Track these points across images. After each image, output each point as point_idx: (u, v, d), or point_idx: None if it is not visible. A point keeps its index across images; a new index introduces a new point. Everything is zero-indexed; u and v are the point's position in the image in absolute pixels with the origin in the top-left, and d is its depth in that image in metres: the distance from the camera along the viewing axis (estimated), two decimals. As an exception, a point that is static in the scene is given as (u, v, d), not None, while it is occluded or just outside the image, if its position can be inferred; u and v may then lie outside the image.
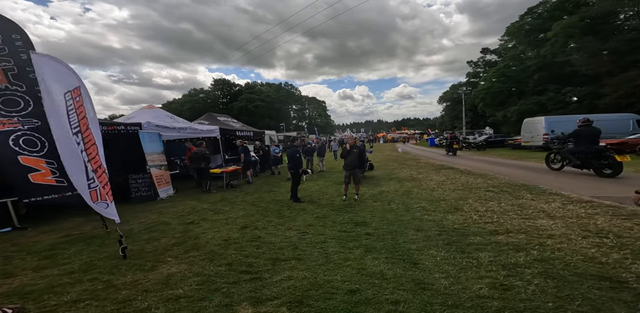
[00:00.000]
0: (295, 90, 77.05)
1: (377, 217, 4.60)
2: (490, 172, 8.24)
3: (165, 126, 7.17)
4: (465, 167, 9.72)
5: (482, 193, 5.56)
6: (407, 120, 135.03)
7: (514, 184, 6.13)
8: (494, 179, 6.86)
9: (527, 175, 7.34)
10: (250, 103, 60.52)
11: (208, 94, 65.22)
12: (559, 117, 16.46)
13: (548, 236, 3.14)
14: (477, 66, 40.23)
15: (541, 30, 25.69)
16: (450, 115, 46.65)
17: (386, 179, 8.33)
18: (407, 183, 7.30)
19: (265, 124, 59.10)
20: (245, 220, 4.82)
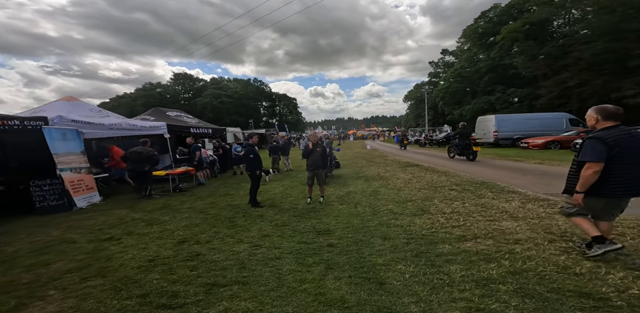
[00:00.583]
0: (265, 87, 74.51)
1: (342, 223, 4.19)
2: (451, 169, 8.41)
3: (87, 122, 5.89)
4: (429, 164, 9.89)
5: (447, 192, 5.49)
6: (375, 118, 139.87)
7: (474, 182, 6.21)
8: (456, 177, 6.93)
9: (483, 172, 7.59)
10: (215, 99, 57.17)
11: (167, 89, 59.89)
12: (508, 115, 17.94)
13: (515, 241, 2.99)
14: (438, 66, 42.65)
15: (492, 34, 27.83)
16: (414, 113, 48.99)
17: (354, 178, 8.04)
18: (375, 183, 7.07)
19: (232, 120, 56.41)
20: (186, 233, 4.06)
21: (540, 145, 13.54)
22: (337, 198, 5.84)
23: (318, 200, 5.58)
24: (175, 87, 63.10)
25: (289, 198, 6.15)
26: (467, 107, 29.50)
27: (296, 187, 7.36)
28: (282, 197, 6.24)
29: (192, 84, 65.69)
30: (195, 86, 65.56)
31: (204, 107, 57.74)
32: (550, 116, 16.84)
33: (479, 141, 17.91)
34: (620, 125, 2.35)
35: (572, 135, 13.73)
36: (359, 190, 6.42)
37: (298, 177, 8.89)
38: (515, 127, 15.91)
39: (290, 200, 5.96)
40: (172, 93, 60.64)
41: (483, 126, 17.22)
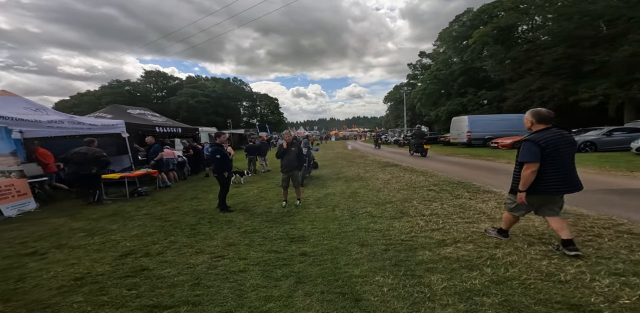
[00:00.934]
0: (245, 86, 72.56)
1: (319, 228, 3.89)
2: (429, 168, 8.45)
3: (20, 119, 5.06)
4: (408, 164, 9.91)
5: (425, 193, 5.39)
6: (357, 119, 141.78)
7: (451, 182, 6.20)
8: (434, 177, 6.92)
9: (459, 171, 7.67)
10: (192, 98, 54.64)
11: (136, 87, 56.24)
12: (480, 116, 18.70)
13: (495, 245, 2.86)
14: (416, 69, 43.89)
15: (465, 38, 29.02)
16: (393, 114, 50.09)
17: (333, 179, 7.78)
18: (354, 184, 6.85)
19: (210, 120, 54.40)
20: (134, 243, 3.55)
21: (508, 145, 14.19)
22: (314, 200, 5.54)
23: (294, 204, 5.24)
24: (146, 85, 59.46)
25: (263, 201, 5.75)
26: (442, 108, 30.52)
27: (272, 189, 6.96)
28: (256, 200, 5.82)
29: (166, 82, 62.38)
30: (169, 84, 62.32)
31: (178, 106, 55.04)
32: (517, 117, 17.76)
33: (453, 141, 18.70)
34: (552, 128, 2.55)
35: (538, 135, 14.53)
36: (338, 191, 6.17)
37: (275, 179, 8.47)
38: (486, 127, 16.59)
39: (264, 203, 5.56)
40: (143, 91, 57.00)
41: (457, 126, 17.81)
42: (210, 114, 56.79)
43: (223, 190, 5.00)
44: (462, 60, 29.32)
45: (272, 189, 6.91)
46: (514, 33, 27.01)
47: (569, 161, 2.50)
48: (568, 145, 2.50)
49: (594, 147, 10.52)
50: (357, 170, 9.07)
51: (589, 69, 18.25)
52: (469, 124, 16.51)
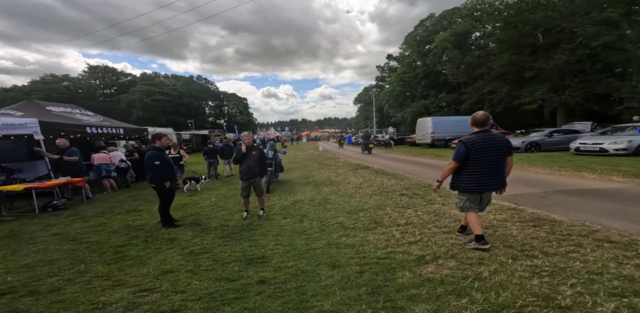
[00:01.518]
0: (211, 85, 68.45)
1: (283, 244, 3.34)
2: (399, 170, 8.35)
3: None
4: (379, 166, 9.78)
5: (398, 198, 5.13)
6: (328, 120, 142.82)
7: (422, 185, 6.06)
8: (405, 180, 6.76)
9: (428, 173, 7.68)
10: (147, 96, 49.94)
11: (77, 82, 49.74)
12: (442, 117, 19.66)
13: (479, 260, 2.58)
14: (384, 71, 45.39)
15: (427, 42, 30.59)
16: (363, 115, 51.22)
17: (303, 184, 7.25)
18: (325, 189, 6.40)
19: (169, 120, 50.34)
20: (19, 278, 2.69)
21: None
22: (280, 210, 4.96)
23: (257, 214, 4.61)
24: (90, 81, 52.91)
25: (220, 212, 5.01)
26: (408, 109, 31.80)
27: (234, 196, 6.20)
28: (212, 211, 5.06)
29: (116, 78, 56.27)
30: (119, 81, 56.36)
31: (130, 104, 50.01)
32: None
33: (419, 142, 19.43)
34: (485, 131, 2.74)
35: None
36: (307, 198, 5.66)
37: (239, 184, 7.70)
38: (447, 128, 17.41)
39: (221, 214, 4.83)
40: (87, 88, 50.56)
41: (422, 128, 18.47)
42: (170, 114, 52.59)
43: (164, 203, 4.18)
44: (425, 64, 30.85)
45: (234, 197, 6.16)
46: (469, 39, 29.20)
47: (492, 162, 2.66)
48: (496, 147, 2.64)
49: (538, 147, 11.51)
50: (328, 173, 8.66)
51: (530, 75, 20.26)
52: (433, 125, 17.19)
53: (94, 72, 53.42)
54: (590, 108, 18.95)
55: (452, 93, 29.15)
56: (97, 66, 54.19)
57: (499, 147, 2.65)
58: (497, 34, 23.12)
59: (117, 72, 56.56)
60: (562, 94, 18.61)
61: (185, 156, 7.28)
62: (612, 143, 8.93)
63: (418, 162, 10.36)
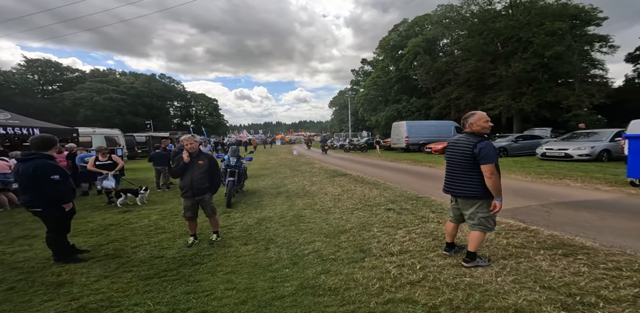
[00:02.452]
0: (176, 84, 63.77)
1: (238, 289, 2.38)
2: (380, 178, 7.69)
3: None
4: (357, 172, 9.09)
5: (384, 214, 4.38)
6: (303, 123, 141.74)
7: (408, 197, 5.39)
8: (388, 190, 6.07)
9: (411, 181, 7.12)
10: (98, 94, 44.87)
11: (10, 77, 43.10)
12: (416, 121, 19.88)
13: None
14: (359, 75, 45.89)
15: (400, 47, 31.35)
16: (338, 118, 51.25)
17: (273, 195, 6.23)
18: (298, 201, 5.46)
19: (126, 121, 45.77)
20: None
21: (439, 150, 15.10)
22: (241, 231, 3.94)
23: (209, 239, 3.55)
24: (27, 75, 46.12)
25: (158, 236, 3.83)
26: (381, 113, 32.19)
27: None
28: (147, 235, 3.86)
29: (60, 73, 49.83)
30: (64, 77, 50.02)
31: (76, 103, 44.47)
32: (443, 124, 19.52)
33: (394, 146, 19.40)
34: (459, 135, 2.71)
35: (464, 141, 15.93)
36: (277, 214, 4.69)
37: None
38: (420, 133, 17.54)
39: (158, 240, 3.66)
40: (22, 83, 43.91)
41: (397, 132, 18.42)
42: (125, 114, 47.89)
43: (57, 232, 2.94)
44: (398, 69, 31.55)
45: None
46: (438, 46, 30.55)
47: (450, 165, 2.67)
48: (453, 150, 2.61)
49: (506, 152, 11.82)
50: (303, 181, 7.73)
51: (492, 82, 21.46)
52: (407, 129, 17.17)
53: (32, 66, 46.74)
54: (543, 115, 20.51)
55: (422, 98, 30.12)
56: (36, 59, 47.51)
57: (456, 150, 2.57)
58: (463, 41, 24.30)
59: (62, 67, 50.29)
60: (519, 100, 19.88)
61: (120, 162, 5.86)
62: (576, 149, 9.29)
63: (397, 168, 9.84)
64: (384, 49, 33.68)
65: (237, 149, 5.78)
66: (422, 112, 29.38)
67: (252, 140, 34.28)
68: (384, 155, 16.23)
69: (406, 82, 32.14)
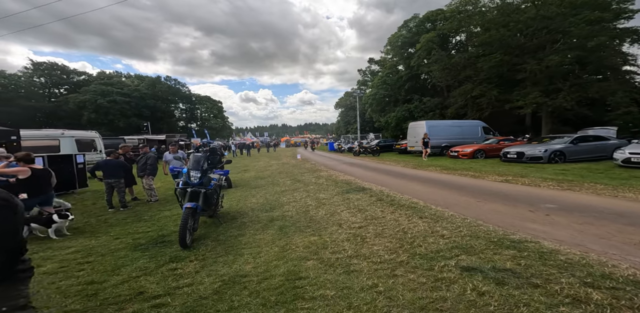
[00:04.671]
0: (181, 87, 63.07)
1: None
2: (415, 196, 5.47)
3: None
4: (377, 184, 6.94)
5: (466, 284, 2.27)
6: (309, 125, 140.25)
7: (490, 238, 3.18)
8: (441, 220, 3.86)
9: (466, 203, 4.94)
10: (102, 97, 44.16)
11: (16, 80, 42.69)
12: (437, 121, 17.60)
13: None
14: (365, 75, 43.92)
15: (411, 44, 29.26)
16: (344, 120, 49.22)
17: (262, 224, 4.20)
18: (298, 240, 3.42)
19: (130, 123, 44.73)
20: None
21: (468, 154, 12.90)
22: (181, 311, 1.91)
23: None
24: (34, 78, 45.73)
25: None
26: (391, 114, 30.07)
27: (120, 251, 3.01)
28: None
29: (66, 76, 49.40)
30: (71, 80, 49.57)
31: (81, 106, 43.86)
32: (467, 124, 17.26)
33: (411, 149, 17.18)
34: None
35: (493, 143, 13.69)
36: (259, 270, 2.68)
37: (155, 220, 4.49)
38: (442, 133, 15.39)
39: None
40: (27, 86, 43.41)
41: (414, 133, 16.24)
42: (130, 117, 46.99)
43: None
44: (408, 67, 29.53)
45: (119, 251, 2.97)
46: (453, 41, 28.38)
47: None
48: None
49: (563, 157, 9.49)
50: (306, 199, 5.65)
51: (522, 77, 19.12)
52: (427, 129, 15.00)
53: (38, 69, 46.39)
54: (583, 113, 18.02)
55: (436, 97, 27.91)
56: (42, 62, 47.17)
57: None
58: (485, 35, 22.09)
59: (68, 70, 49.84)
60: (554, 97, 17.51)
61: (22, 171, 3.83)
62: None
63: (430, 179, 7.51)
64: (393, 47, 31.67)
65: (202, 158, 3.76)
66: (437, 112, 27.13)
67: (254, 143, 32.64)
68: (400, 160, 14.06)
69: (418, 80, 29.98)
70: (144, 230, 4.03)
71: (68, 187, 7.92)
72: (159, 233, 3.89)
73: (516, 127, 22.87)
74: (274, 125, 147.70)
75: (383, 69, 35.44)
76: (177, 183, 3.73)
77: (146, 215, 5.04)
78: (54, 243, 3.56)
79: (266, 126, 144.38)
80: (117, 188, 5.48)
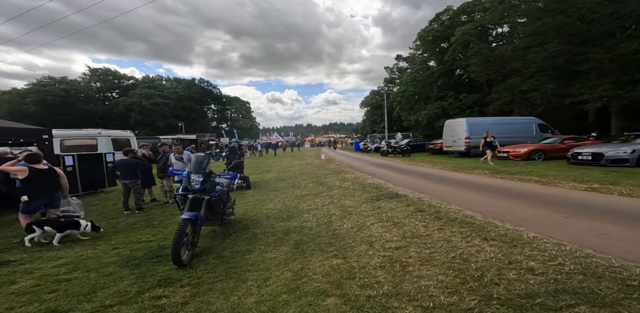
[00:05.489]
0: (213, 88, 66.57)
1: None
2: (464, 205, 4.48)
3: None
4: (412, 190, 5.93)
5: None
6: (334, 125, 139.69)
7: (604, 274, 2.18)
8: (520, 244, 2.84)
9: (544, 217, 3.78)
10: (146, 99, 48.04)
11: (75, 85, 48.02)
12: (480, 118, 15.73)
13: None
14: (393, 72, 42.03)
15: (444, 38, 27.14)
16: (370, 119, 47.71)
17: (276, 236, 3.53)
18: (317, 262, 2.66)
19: (168, 124, 48.05)
20: None
21: (522, 155, 11.12)
22: None
23: None
24: (91, 84, 51.13)
25: None
26: (422, 112, 28.20)
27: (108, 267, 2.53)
28: None
29: (117, 81, 54.53)
30: (121, 84, 54.61)
31: (129, 108, 48.09)
32: (519, 120, 15.20)
33: (447, 149, 15.52)
34: None
35: (555, 143, 11.69)
36: (262, 307, 1.97)
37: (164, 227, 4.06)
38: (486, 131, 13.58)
39: None
40: (85, 90, 48.66)
41: (452, 132, 14.64)
42: (169, 118, 50.47)
43: None
44: (441, 62, 27.50)
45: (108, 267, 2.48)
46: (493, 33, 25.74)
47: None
48: None
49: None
50: (329, 206, 4.87)
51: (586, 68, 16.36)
52: (468, 127, 13.36)
53: (94, 75, 51.73)
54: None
55: (474, 93, 25.47)
56: (97, 69, 52.55)
57: None
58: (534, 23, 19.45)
59: (119, 75, 54.80)
60: (631, 89, 14.64)
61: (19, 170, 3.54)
62: None
63: (479, 185, 6.11)
64: (423, 42, 29.64)
65: (204, 159, 3.16)
66: (475, 109, 24.73)
67: (280, 143, 32.76)
68: (436, 161, 12.66)
69: (453, 75, 27.67)
70: (147, 239, 3.58)
71: (97, 186, 8.11)
72: (160, 243, 3.41)
73: (575, 124, 19.84)
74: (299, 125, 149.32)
75: (412, 66, 33.55)
76: (176, 189, 3.21)
77: (157, 219, 4.67)
78: (49, 251, 3.23)
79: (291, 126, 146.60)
80: (134, 189, 5.21)
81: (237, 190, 6.86)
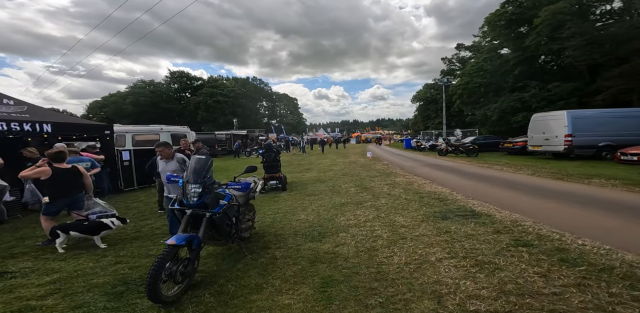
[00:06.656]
0: (264, 86, 70.42)
1: None
2: (597, 237, 2.88)
3: None
4: (496, 205, 4.32)
5: None
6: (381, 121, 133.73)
7: None
8: None
9: None
10: (210, 98, 53.51)
11: (159, 87, 56.47)
12: (586, 111, 12.00)
13: None
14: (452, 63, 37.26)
15: (521, 22, 22.51)
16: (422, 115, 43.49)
17: (298, 265, 2.63)
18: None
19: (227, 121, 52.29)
20: None
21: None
22: None
23: None
24: (170, 85, 59.36)
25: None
26: (492, 106, 23.94)
27: None
28: None
29: (189, 82, 61.96)
30: (192, 84, 61.87)
31: (197, 106, 54.26)
32: (633, 113, 11.24)
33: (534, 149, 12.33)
34: None
35: None
36: None
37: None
38: (599, 128, 10.33)
39: None
40: (165, 91, 56.92)
41: (544, 128, 11.56)
42: (227, 114, 54.82)
43: None
44: (519, 48, 22.87)
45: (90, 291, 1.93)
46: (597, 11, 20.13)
47: None
48: None
49: None
50: (373, 223, 3.70)
51: None
52: (570, 122, 10.32)
53: (173, 77, 59.63)
54: None
55: (569, 81, 20.28)
56: (175, 72, 60.43)
57: None
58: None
59: (191, 76, 61.78)
60: None
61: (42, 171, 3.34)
62: None
63: (615, 204, 4.23)
64: (493, 27, 25.05)
65: (205, 164, 2.44)
66: (572, 100, 19.69)
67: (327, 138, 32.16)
68: (519, 164, 10.08)
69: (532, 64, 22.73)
70: (155, 253, 3.07)
71: (150, 181, 8.55)
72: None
73: None
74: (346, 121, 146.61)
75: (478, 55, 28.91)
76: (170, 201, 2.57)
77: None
78: (53, 262, 2.92)
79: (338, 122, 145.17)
80: (165, 188, 4.99)
81: (271, 192, 6.21)
